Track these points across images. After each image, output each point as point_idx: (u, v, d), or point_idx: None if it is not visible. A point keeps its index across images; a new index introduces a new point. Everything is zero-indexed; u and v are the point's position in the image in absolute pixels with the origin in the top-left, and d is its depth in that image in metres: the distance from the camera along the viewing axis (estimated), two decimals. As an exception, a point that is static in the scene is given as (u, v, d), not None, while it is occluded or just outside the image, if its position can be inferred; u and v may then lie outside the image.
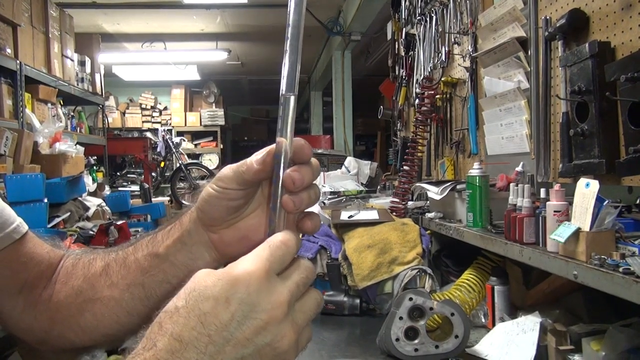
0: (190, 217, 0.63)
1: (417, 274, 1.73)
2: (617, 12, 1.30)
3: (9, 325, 0.71)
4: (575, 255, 1.12)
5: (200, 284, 0.45)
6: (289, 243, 0.49)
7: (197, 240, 0.62)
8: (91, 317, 0.66)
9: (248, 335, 0.44)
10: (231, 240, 0.61)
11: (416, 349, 1.34)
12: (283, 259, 0.48)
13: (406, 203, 2.37)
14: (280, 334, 0.45)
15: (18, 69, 3.46)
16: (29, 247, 0.71)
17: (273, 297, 0.45)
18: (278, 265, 0.47)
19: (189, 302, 0.44)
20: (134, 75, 8.00)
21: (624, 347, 1.11)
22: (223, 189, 0.58)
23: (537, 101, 1.62)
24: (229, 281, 0.45)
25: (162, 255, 0.63)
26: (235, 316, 0.44)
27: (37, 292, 0.70)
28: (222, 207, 0.59)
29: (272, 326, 0.45)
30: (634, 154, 1.16)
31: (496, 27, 1.89)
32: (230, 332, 0.44)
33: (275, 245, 0.48)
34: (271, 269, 0.46)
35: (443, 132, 2.60)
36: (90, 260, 0.69)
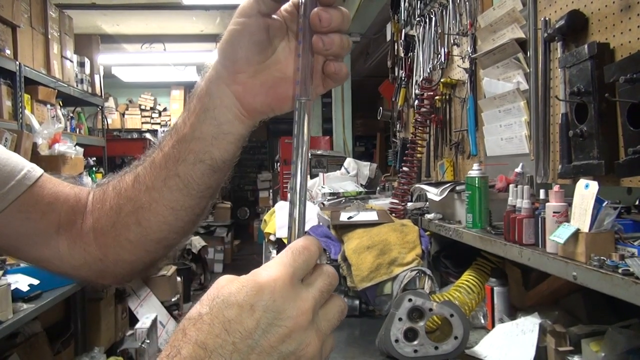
0: (208, 79, 0.61)
1: (416, 275, 1.73)
2: (617, 14, 1.30)
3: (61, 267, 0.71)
4: (574, 256, 1.12)
5: (224, 291, 0.44)
6: (312, 248, 0.48)
7: (219, 101, 0.61)
8: (138, 228, 0.66)
9: (273, 343, 0.43)
10: (258, 90, 0.60)
11: (415, 350, 1.34)
12: (306, 265, 0.47)
13: (405, 204, 2.37)
14: (305, 342, 0.44)
15: (17, 70, 3.46)
16: (49, 188, 0.70)
17: (298, 304, 0.44)
18: (302, 271, 0.46)
19: (213, 309, 0.43)
20: (134, 76, 8.00)
21: (624, 348, 1.11)
22: (245, 19, 0.57)
23: (536, 102, 1.62)
24: (253, 287, 0.43)
25: (188, 135, 0.62)
26: (260, 323, 0.43)
27: (76, 226, 0.70)
28: (245, 44, 0.57)
29: (297, 334, 0.44)
30: (633, 155, 1.16)
31: (495, 29, 1.89)
32: (255, 340, 0.43)
33: (297, 251, 0.47)
34: (295, 275, 0.45)
35: (442, 133, 2.60)
36: (120, 179, 0.69)
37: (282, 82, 0.60)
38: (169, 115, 9.51)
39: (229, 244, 8.13)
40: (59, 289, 2.61)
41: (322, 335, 0.46)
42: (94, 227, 0.69)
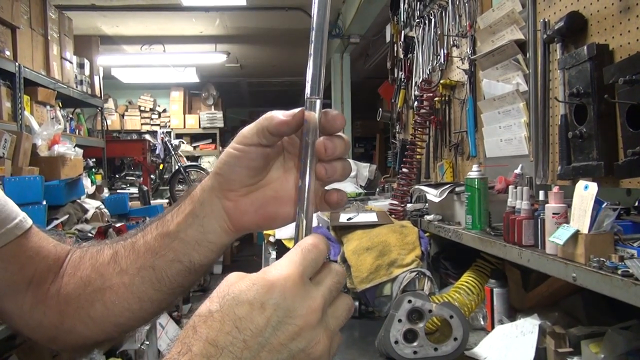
0: (203, 187, 0.62)
1: (416, 276, 1.73)
2: (616, 15, 1.30)
3: (19, 324, 0.69)
4: (574, 257, 1.12)
5: (234, 288, 0.44)
6: (320, 246, 0.48)
7: (209, 211, 0.61)
8: (101, 307, 0.65)
9: (283, 341, 0.43)
10: (248, 209, 0.61)
11: (415, 351, 1.34)
12: (316, 263, 0.47)
13: (405, 205, 2.37)
14: (314, 340, 0.44)
15: (17, 71, 3.46)
16: (35, 242, 0.70)
17: (308, 302, 0.44)
18: (311, 269, 0.47)
19: (224, 306, 0.44)
20: (133, 77, 8.00)
21: (623, 350, 1.11)
22: (244, 147, 0.57)
23: (535, 104, 1.62)
24: (264, 285, 0.44)
25: (172, 233, 0.62)
26: (270, 321, 0.43)
27: (45, 286, 0.68)
28: (243, 168, 0.58)
29: (307, 332, 0.44)
30: (633, 156, 1.17)
31: (495, 30, 1.90)
32: (265, 338, 0.43)
33: (307, 249, 0.47)
34: (305, 274, 0.45)
35: (442, 134, 2.60)
36: (98, 250, 0.68)
37: (272, 201, 0.61)
38: (168, 116, 9.52)
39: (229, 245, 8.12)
40: (58, 290, 2.61)
41: (330, 333, 0.46)
42: (60, 292, 0.68)
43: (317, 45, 0.53)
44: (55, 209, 3.24)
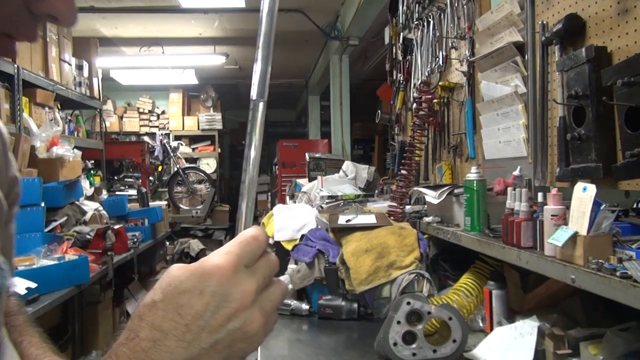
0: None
1: (414, 278, 1.73)
2: (614, 17, 1.30)
3: None
4: (572, 259, 1.12)
5: (175, 279, 0.49)
6: (259, 238, 0.52)
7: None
8: None
9: (221, 322, 0.48)
10: None
11: (414, 353, 1.34)
12: (253, 253, 0.51)
13: (404, 207, 2.37)
14: (249, 320, 0.49)
15: (16, 72, 3.45)
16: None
17: (242, 287, 0.49)
18: (248, 259, 0.51)
19: (167, 295, 0.48)
20: (132, 79, 7.99)
21: (622, 351, 1.11)
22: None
23: (534, 105, 1.62)
24: (202, 275, 0.49)
25: None
26: (209, 306, 0.48)
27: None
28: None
29: (242, 313, 0.49)
30: (631, 158, 1.17)
31: (493, 32, 1.90)
32: (205, 321, 0.48)
33: (246, 240, 0.51)
34: (240, 262, 0.50)
35: (441, 136, 2.61)
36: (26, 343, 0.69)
37: None
38: (167, 118, 9.51)
39: (228, 247, 8.10)
40: (56, 292, 2.60)
41: (265, 312, 0.51)
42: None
43: (264, 52, 0.58)
44: (54, 211, 3.23)
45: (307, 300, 1.93)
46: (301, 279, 1.91)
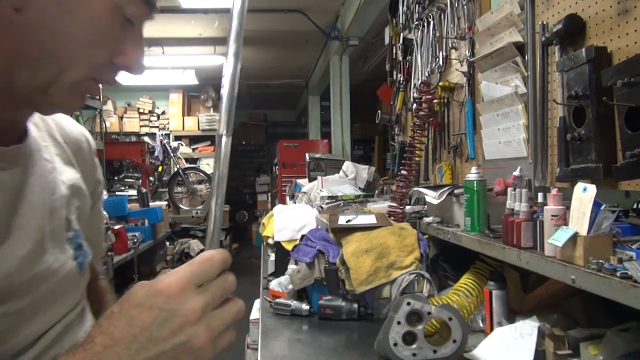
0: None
1: (415, 278, 1.73)
2: (614, 18, 1.30)
3: None
4: (572, 259, 1.12)
5: (132, 294, 0.56)
6: (214, 260, 0.57)
7: None
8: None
9: (166, 335, 0.54)
10: None
11: (414, 353, 1.34)
12: (205, 274, 0.57)
13: (404, 207, 2.37)
14: (194, 335, 0.54)
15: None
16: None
17: (188, 305, 0.54)
18: (199, 279, 0.56)
19: (122, 308, 0.55)
20: (132, 79, 7.99)
21: (622, 352, 1.11)
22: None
23: (534, 106, 1.62)
24: (153, 292, 0.55)
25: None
26: (156, 320, 0.54)
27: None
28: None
29: (187, 328, 0.54)
30: (631, 158, 1.17)
31: (493, 32, 1.90)
32: (151, 333, 0.53)
33: (199, 262, 0.57)
34: (190, 282, 0.55)
35: (441, 136, 2.61)
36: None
37: None
38: (167, 118, 9.52)
39: (228, 247, 8.13)
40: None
41: (212, 330, 0.55)
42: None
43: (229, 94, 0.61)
44: (54, 211, 3.23)
45: (307, 301, 1.93)
46: (301, 279, 1.91)
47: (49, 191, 0.72)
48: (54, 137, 0.80)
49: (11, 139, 0.67)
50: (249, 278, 7.18)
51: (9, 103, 0.64)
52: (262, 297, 2.09)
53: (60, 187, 0.75)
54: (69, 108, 0.70)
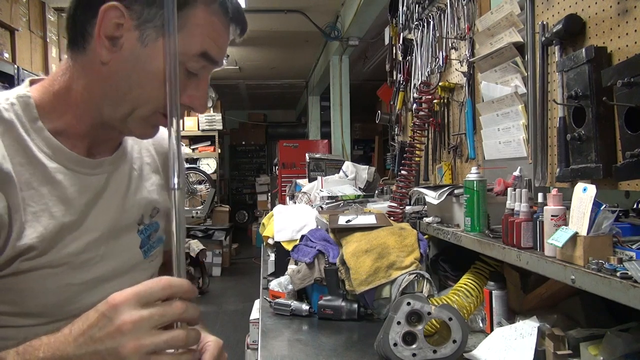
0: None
1: (414, 278, 1.73)
2: (614, 18, 1.30)
3: None
4: (572, 259, 1.12)
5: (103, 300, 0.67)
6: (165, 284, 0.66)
7: None
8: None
9: (102, 338, 0.64)
10: None
11: (414, 354, 1.34)
12: (150, 295, 0.65)
13: (404, 207, 2.37)
14: (122, 344, 0.63)
15: (16, 73, 3.46)
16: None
17: (123, 316, 0.63)
18: (145, 299, 0.65)
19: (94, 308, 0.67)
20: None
21: (622, 352, 1.11)
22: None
23: (534, 106, 1.62)
24: (107, 301, 0.65)
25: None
26: (98, 324, 0.64)
27: None
28: None
29: (118, 337, 0.63)
30: (631, 158, 1.17)
31: (493, 33, 1.90)
32: (93, 333, 0.64)
33: (148, 283, 0.66)
34: (134, 298, 0.64)
35: (441, 136, 2.61)
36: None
37: None
38: (167, 118, 9.50)
39: (227, 248, 8.12)
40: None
41: (140, 344, 0.63)
42: None
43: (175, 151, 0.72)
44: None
45: (307, 301, 1.93)
46: (301, 280, 1.91)
47: (122, 193, 0.91)
48: (148, 149, 1.02)
49: (106, 151, 0.90)
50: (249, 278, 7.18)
51: (100, 128, 0.85)
52: (262, 297, 2.09)
53: (139, 189, 0.95)
54: (142, 136, 0.89)
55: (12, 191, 0.76)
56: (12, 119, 0.80)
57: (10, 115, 0.80)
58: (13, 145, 0.79)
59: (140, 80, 0.80)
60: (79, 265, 0.83)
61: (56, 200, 0.81)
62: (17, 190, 0.77)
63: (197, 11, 0.80)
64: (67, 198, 0.83)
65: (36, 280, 0.79)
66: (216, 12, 0.82)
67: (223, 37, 0.84)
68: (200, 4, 0.80)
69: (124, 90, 0.80)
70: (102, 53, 0.79)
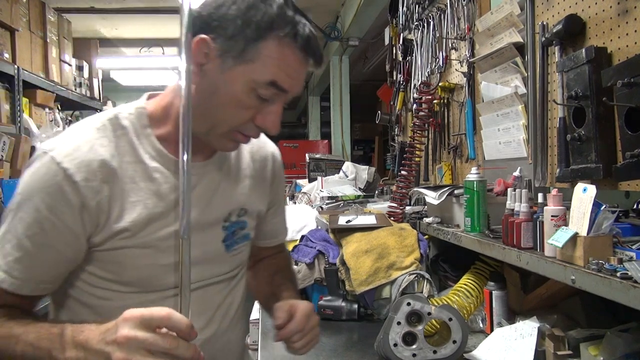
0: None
1: (414, 279, 1.73)
2: (614, 18, 1.30)
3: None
4: (572, 260, 1.12)
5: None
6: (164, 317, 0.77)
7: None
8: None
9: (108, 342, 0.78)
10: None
11: (414, 354, 1.34)
12: (150, 321, 0.76)
13: (404, 208, 2.37)
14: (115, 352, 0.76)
15: (16, 73, 3.45)
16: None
17: (123, 332, 0.76)
18: (146, 322, 0.76)
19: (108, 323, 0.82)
20: (132, 80, 7.99)
21: (622, 352, 1.11)
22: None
23: (534, 106, 1.62)
24: (121, 315, 0.78)
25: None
26: (107, 331, 0.79)
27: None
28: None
29: (113, 345, 0.77)
30: (631, 158, 1.17)
31: (493, 33, 1.90)
32: (104, 336, 0.79)
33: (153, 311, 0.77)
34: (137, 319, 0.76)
35: (441, 137, 2.61)
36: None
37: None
38: (167, 119, 9.49)
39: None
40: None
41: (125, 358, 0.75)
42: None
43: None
44: (54, 212, 3.23)
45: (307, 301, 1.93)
46: (301, 280, 1.91)
47: (210, 193, 1.05)
48: (246, 156, 1.15)
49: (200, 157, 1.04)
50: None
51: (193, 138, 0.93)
52: (262, 297, 2.08)
53: (229, 191, 1.08)
54: (222, 149, 1.03)
55: (115, 184, 0.93)
56: (127, 126, 0.99)
57: (126, 123, 0.99)
58: (125, 147, 0.96)
59: (219, 102, 0.93)
60: (164, 249, 0.97)
61: (151, 194, 0.97)
62: (120, 183, 0.94)
63: (270, 43, 0.90)
64: (160, 193, 0.97)
65: (129, 256, 0.95)
66: (288, 44, 0.91)
67: (294, 68, 0.93)
68: (273, 36, 0.90)
69: (206, 109, 0.94)
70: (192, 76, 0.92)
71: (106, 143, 0.95)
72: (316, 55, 0.96)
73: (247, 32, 0.89)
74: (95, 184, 0.91)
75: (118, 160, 0.95)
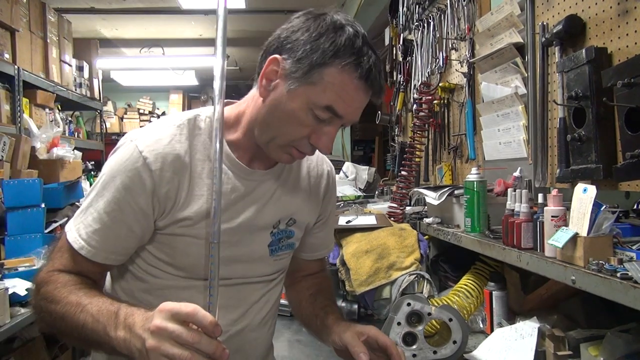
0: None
1: (415, 279, 1.73)
2: (614, 18, 1.30)
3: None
4: (573, 260, 1.12)
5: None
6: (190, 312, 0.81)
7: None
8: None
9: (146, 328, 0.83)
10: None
11: (414, 354, 1.34)
12: (178, 315, 0.81)
13: (404, 208, 2.37)
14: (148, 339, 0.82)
15: (16, 74, 3.45)
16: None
17: (156, 322, 0.81)
18: (176, 315, 0.81)
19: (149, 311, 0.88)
20: (132, 80, 7.99)
21: (622, 352, 1.11)
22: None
23: (534, 107, 1.62)
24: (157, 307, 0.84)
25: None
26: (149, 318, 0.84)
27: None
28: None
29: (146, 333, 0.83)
30: (631, 159, 1.17)
31: (493, 33, 1.90)
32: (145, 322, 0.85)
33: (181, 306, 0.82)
34: (170, 312, 0.81)
35: (441, 137, 2.61)
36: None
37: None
38: (167, 119, 9.48)
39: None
40: (56, 293, 2.59)
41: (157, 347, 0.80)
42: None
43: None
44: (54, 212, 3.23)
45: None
46: (301, 280, 1.91)
47: (264, 200, 1.12)
48: (304, 169, 1.22)
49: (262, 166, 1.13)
50: (249, 279, 7.19)
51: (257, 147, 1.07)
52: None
53: (282, 201, 1.15)
54: (279, 160, 1.09)
55: (185, 177, 1.03)
56: (203, 127, 1.08)
57: (203, 125, 1.09)
58: (198, 145, 1.06)
59: (280, 117, 1.01)
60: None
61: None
62: (189, 177, 1.04)
63: (332, 70, 0.96)
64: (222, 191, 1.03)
65: (185, 243, 1.05)
66: (349, 73, 0.97)
67: (351, 96, 0.99)
68: (336, 64, 0.96)
69: (268, 122, 1.03)
70: (261, 90, 1.03)
71: (183, 140, 1.05)
72: (374, 86, 1.01)
73: (314, 57, 0.97)
74: (168, 175, 1.01)
75: (190, 157, 1.04)
